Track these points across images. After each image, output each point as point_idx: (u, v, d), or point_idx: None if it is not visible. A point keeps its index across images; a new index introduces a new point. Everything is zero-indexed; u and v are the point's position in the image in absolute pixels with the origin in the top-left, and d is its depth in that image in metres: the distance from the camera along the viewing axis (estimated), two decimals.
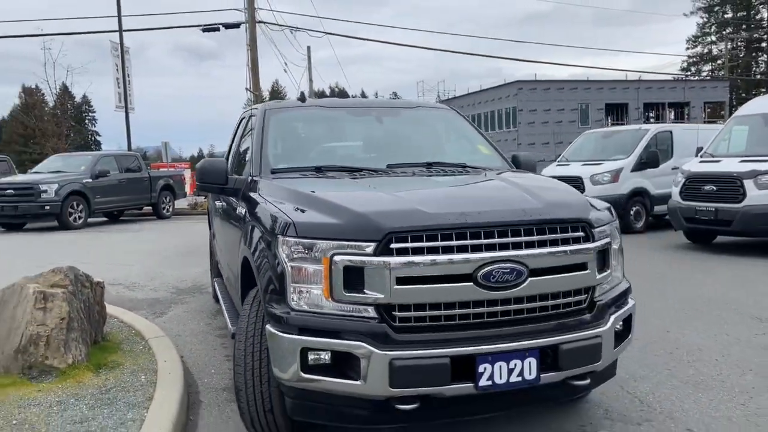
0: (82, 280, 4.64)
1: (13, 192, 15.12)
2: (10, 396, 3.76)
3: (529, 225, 3.00)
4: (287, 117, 4.63)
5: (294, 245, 2.94)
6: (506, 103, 49.47)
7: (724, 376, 4.27)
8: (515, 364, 2.89)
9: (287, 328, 2.90)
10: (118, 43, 21.50)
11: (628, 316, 3.38)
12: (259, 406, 3.21)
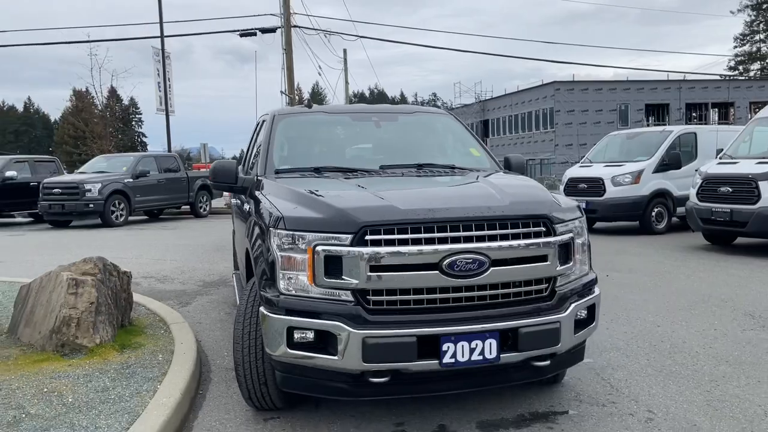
0: (110, 269, 5.15)
1: (60, 191, 16.00)
2: (44, 369, 4.27)
3: (492, 220, 3.34)
4: (294, 122, 5.07)
5: (284, 237, 3.35)
6: (543, 104, 49.24)
7: (699, 367, 4.51)
8: (476, 344, 3.23)
9: (277, 309, 3.31)
10: (159, 48, 22.44)
11: (591, 305, 3.67)
12: (255, 380, 3.63)
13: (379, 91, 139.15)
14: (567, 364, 3.80)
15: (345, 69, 35.82)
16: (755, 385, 4.13)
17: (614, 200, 12.17)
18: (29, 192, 17.10)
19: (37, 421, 3.42)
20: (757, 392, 4.00)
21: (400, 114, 5.33)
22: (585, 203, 12.55)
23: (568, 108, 47.73)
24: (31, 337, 4.86)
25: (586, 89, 48.17)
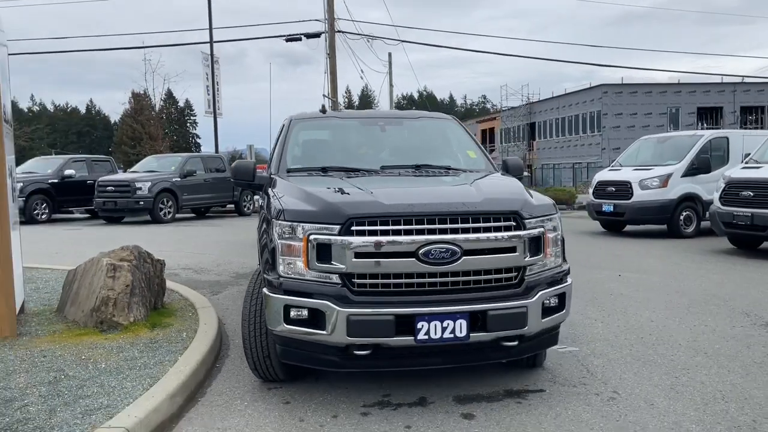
0: (144, 256, 5.76)
1: (113, 189, 17.02)
2: (84, 341, 4.89)
3: (465, 215, 3.77)
4: (308, 125, 5.58)
5: (284, 227, 3.85)
6: (591, 107, 48.73)
7: (676, 357, 4.81)
8: (448, 324, 3.66)
9: (276, 290, 3.81)
10: (208, 53, 23.44)
11: (561, 293, 4.04)
12: (259, 353, 4.14)
13: (427, 94, 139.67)
14: (539, 347, 4.18)
15: (389, 72, 36.41)
16: (723, 374, 4.42)
17: (641, 203, 12.29)
18: (86, 189, 18.21)
19: (73, 381, 4.02)
20: (723, 380, 4.29)
21: (404, 119, 5.79)
22: (612, 206, 12.75)
23: (616, 111, 47.13)
24: (76, 315, 5.50)
25: (635, 92, 47.46)
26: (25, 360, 4.46)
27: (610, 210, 12.81)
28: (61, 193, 18.17)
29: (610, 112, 47.18)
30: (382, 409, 3.87)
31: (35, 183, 17.66)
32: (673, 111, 47.72)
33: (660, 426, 3.56)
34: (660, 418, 3.66)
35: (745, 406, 3.83)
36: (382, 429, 3.58)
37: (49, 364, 4.35)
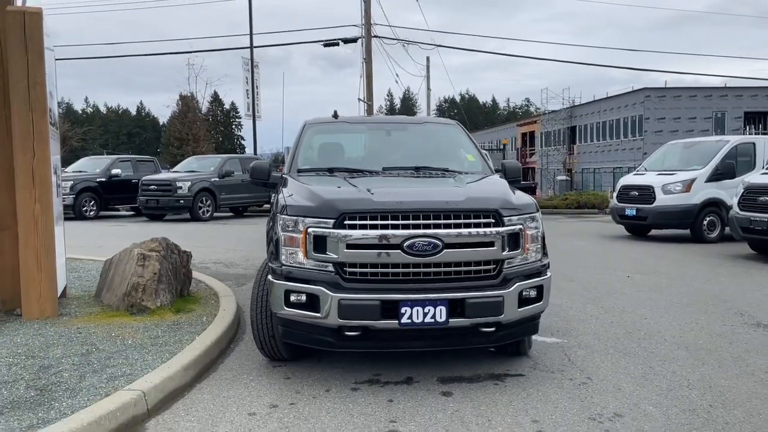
0: (171, 247, 6.32)
1: (155, 188, 17.87)
2: (115, 321, 5.45)
3: (448, 212, 4.17)
4: (320, 129, 6.06)
5: (287, 220, 4.32)
6: (632, 111, 48.14)
7: (657, 350, 5.10)
8: (429, 310, 4.06)
9: (279, 277, 4.27)
10: (248, 59, 24.26)
11: (539, 286, 4.39)
12: (265, 333, 4.62)
13: (469, 97, 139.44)
14: (518, 335, 4.53)
15: (427, 77, 36.79)
16: (698, 366, 4.71)
17: (664, 208, 12.41)
18: (131, 188, 19.12)
19: (102, 353, 4.57)
20: (695, 371, 4.58)
21: (409, 124, 6.21)
22: (635, 210, 12.89)
23: (658, 115, 46.46)
24: (110, 299, 6.09)
25: (678, 96, 46.71)
26: (62, 335, 5.04)
27: (633, 214, 12.94)
28: (108, 191, 19.14)
29: (652, 116, 46.53)
30: (371, 386, 4.30)
31: (84, 181, 18.66)
32: (719, 115, 46.78)
33: (619, 406, 3.90)
34: (622, 400, 4.00)
35: (707, 393, 4.13)
36: (367, 401, 4.01)
37: (82, 340, 4.92)
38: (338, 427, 3.62)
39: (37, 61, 5.47)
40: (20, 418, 3.40)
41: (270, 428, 3.60)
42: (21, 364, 4.32)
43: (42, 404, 3.61)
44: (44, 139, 5.55)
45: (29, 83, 5.45)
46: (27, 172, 5.47)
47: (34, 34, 5.45)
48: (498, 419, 3.72)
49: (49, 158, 5.62)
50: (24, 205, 5.49)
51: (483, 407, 3.90)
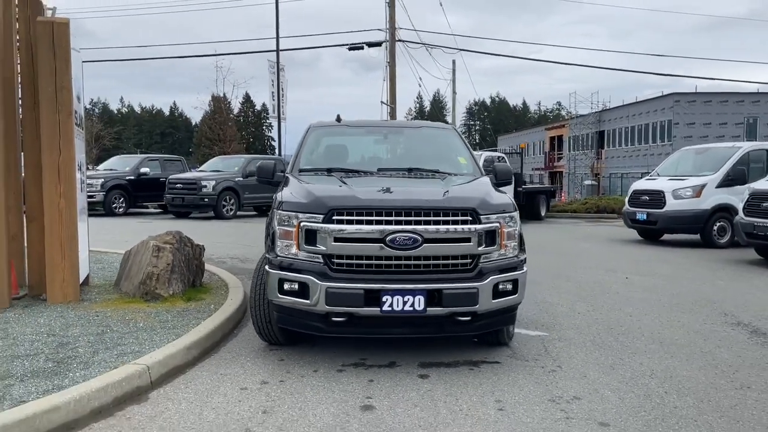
0: (185, 241, 6.79)
1: (181, 186, 18.51)
2: (130, 307, 5.93)
3: (427, 210, 4.54)
4: (322, 132, 6.47)
5: (282, 216, 4.73)
6: (661, 116, 47.72)
7: (632, 344, 5.39)
8: (408, 299, 4.43)
9: (274, 267, 4.69)
10: (275, 61, 24.88)
11: (514, 280, 4.73)
12: (262, 319, 5.03)
13: (500, 100, 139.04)
14: (495, 325, 4.87)
15: (453, 80, 37.07)
16: (666, 358, 4.99)
17: (674, 213, 12.56)
18: (159, 186, 19.81)
19: (115, 333, 5.04)
20: (662, 363, 4.87)
21: (406, 128, 6.59)
22: (646, 215, 13.05)
23: (688, 120, 45.99)
24: (127, 287, 6.58)
25: (709, 101, 46.16)
26: (81, 318, 5.53)
27: (644, 218, 13.11)
28: (137, 189, 19.86)
29: (681, 121, 46.08)
30: (356, 368, 4.69)
31: (114, 179, 19.41)
32: (750, 121, 46.11)
33: (580, 391, 4.22)
34: (585, 386, 4.32)
35: (666, 382, 4.42)
36: (350, 381, 4.39)
37: (99, 322, 5.40)
38: (319, 401, 4.02)
39: (63, 67, 5.97)
40: (38, 384, 3.86)
41: (258, 400, 4.01)
42: (42, 341, 4.81)
43: (58, 374, 4.07)
44: (69, 139, 6.06)
45: (56, 87, 5.96)
46: (53, 169, 5.98)
47: (62, 42, 5.96)
48: (465, 398, 4.08)
49: (73, 156, 6.12)
50: (50, 199, 6.00)
51: (454, 388, 4.26)
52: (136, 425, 3.61)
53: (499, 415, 3.81)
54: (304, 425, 3.63)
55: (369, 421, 3.71)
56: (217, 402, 3.98)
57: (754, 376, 4.57)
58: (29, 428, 3.33)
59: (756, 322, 6.18)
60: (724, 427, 3.66)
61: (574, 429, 3.61)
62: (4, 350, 4.56)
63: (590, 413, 3.84)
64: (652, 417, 3.79)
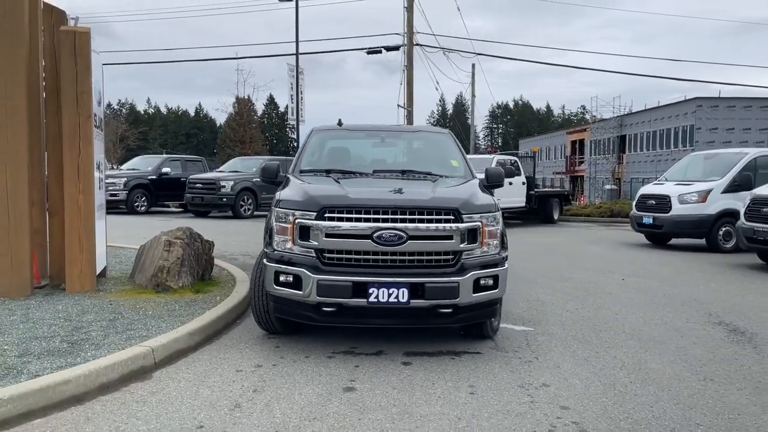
0: (195, 236, 7.21)
1: (200, 186, 19.05)
2: (141, 297, 6.36)
3: (412, 209, 4.88)
4: (323, 135, 6.85)
5: (279, 213, 5.11)
6: (683, 121, 47.42)
7: (611, 340, 5.67)
8: (393, 291, 4.77)
9: (271, 260, 5.06)
10: (294, 65, 25.39)
11: (495, 275, 5.04)
12: (261, 308, 5.41)
13: (523, 103, 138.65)
14: (477, 318, 5.19)
15: (472, 83, 37.30)
16: (640, 352, 5.26)
17: (679, 217, 12.72)
18: (180, 186, 20.38)
19: (125, 320, 5.46)
20: (635, 356, 5.14)
21: (404, 132, 6.95)
22: (652, 219, 13.23)
23: (710, 126, 45.64)
24: (141, 280, 7.01)
25: (732, 106, 45.76)
26: (96, 306, 5.96)
27: (650, 222, 13.28)
28: (158, 188, 20.47)
29: (704, 126, 45.74)
30: (345, 355, 5.04)
31: (137, 178, 20.03)
32: None
33: (550, 379, 4.53)
34: (555, 375, 4.62)
35: (633, 373, 4.71)
36: (338, 366, 4.75)
37: (112, 309, 5.83)
38: (306, 382, 4.38)
39: (84, 73, 6.43)
40: (52, 362, 4.28)
41: (251, 381, 4.39)
42: (59, 325, 5.24)
43: (71, 353, 4.49)
44: (89, 140, 6.51)
45: (77, 92, 6.41)
46: (73, 167, 6.43)
47: (83, 50, 6.41)
48: (441, 383, 4.41)
49: (92, 156, 6.57)
50: (70, 195, 6.45)
51: (433, 375, 4.59)
52: (138, 398, 4.00)
53: (469, 398, 4.13)
54: (288, 402, 3.99)
55: (348, 399, 4.06)
56: (213, 381, 4.36)
57: (720, 370, 4.83)
58: (43, 398, 3.74)
59: (738, 322, 6.41)
60: (676, 412, 3.95)
61: (536, 411, 3.93)
62: (25, 332, 5.00)
63: (554, 398, 4.15)
64: (612, 402, 4.09)
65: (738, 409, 4.03)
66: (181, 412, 3.81)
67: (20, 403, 3.63)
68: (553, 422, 3.75)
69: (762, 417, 3.90)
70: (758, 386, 4.47)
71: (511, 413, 3.88)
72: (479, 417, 3.82)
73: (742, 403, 4.13)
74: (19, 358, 4.35)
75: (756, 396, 4.27)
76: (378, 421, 3.72)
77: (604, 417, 3.85)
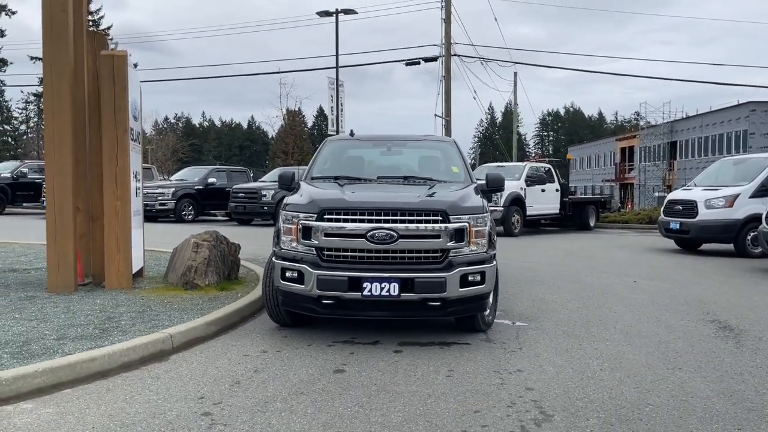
0: (221, 239, 7.86)
1: (243, 195, 19.92)
2: (170, 294, 7.03)
3: (403, 210, 5.36)
4: (336, 144, 7.41)
5: (285, 215, 5.67)
6: (736, 126, 46.26)
7: (599, 334, 5.99)
8: (385, 285, 5.26)
9: (278, 258, 5.63)
10: (334, 78, 26.21)
11: (482, 272, 5.47)
12: (272, 302, 5.97)
13: (574, 110, 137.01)
14: (465, 311, 5.62)
15: (515, 91, 37.41)
16: (622, 345, 5.59)
17: (706, 222, 12.76)
18: (225, 195, 21.30)
19: (153, 312, 6.11)
20: (615, 349, 5.47)
21: (409, 141, 7.44)
22: (679, 224, 13.30)
23: (765, 130, 44.38)
24: (173, 279, 7.69)
25: None
26: (129, 300, 6.65)
27: (677, 227, 13.35)
28: (205, 198, 21.47)
29: (758, 131, 44.52)
30: (344, 344, 5.55)
31: (184, 188, 21.07)
32: None
33: (526, 366, 4.92)
34: (532, 362, 5.01)
35: (607, 362, 5.05)
36: (335, 353, 5.26)
37: (142, 303, 6.50)
38: (302, 365, 4.90)
39: (121, 92, 7.17)
40: (84, 344, 4.93)
41: (254, 363, 4.94)
42: (94, 315, 5.93)
43: (101, 337, 5.14)
44: (125, 152, 7.24)
45: (115, 109, 7.16)
46: (111, 176, 7.17)
47: (120, 72, 7.16)
48: (423, 367, 4.87)
49: (128, 166, 7.30)
50: (109, 202, 7.19)
51: (418, 360, 5.05)
52: (154, 375, 4.61)
53: (445, 380, 4.58)
54: (282, 380, 4.52)
55: (335, 379, 4.57)
56: (221, 363, 4.93)
57: (693, 361, 5.12)
58: (72, 372, 4.38)
59: (732, 320, 6.63)
60: (633, 394, 4.30)
61: (502, 391, 4.34)
62: (65, 321, 5.70)
63: (523, 381, 4.55)
64: (575, 385, 4.47)
65: (694, 393, 4.35)
66: (188, 386, 4.38)
67: (52, 375, 4.27)
68: (514, 400, 4.16)
69: (713, 400, 4.22)
70: (723, 375, 4.76)
71: (479, 392, 4.31)
72: (448, 395, 4.26)
73: (700, 389, 4.44)
74: (57, 341, 5.02)
75: (717, 383, 4.57)
76: (356, 396, 4.20)
77: (563, 397, 4.24)
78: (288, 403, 4.06)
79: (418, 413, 3.92)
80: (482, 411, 3.96)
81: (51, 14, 6.91)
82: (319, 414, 3.89)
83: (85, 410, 3.91)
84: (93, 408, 3.95)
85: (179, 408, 3.95)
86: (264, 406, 4.00)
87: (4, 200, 22.95)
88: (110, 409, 3.94)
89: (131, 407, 3.97)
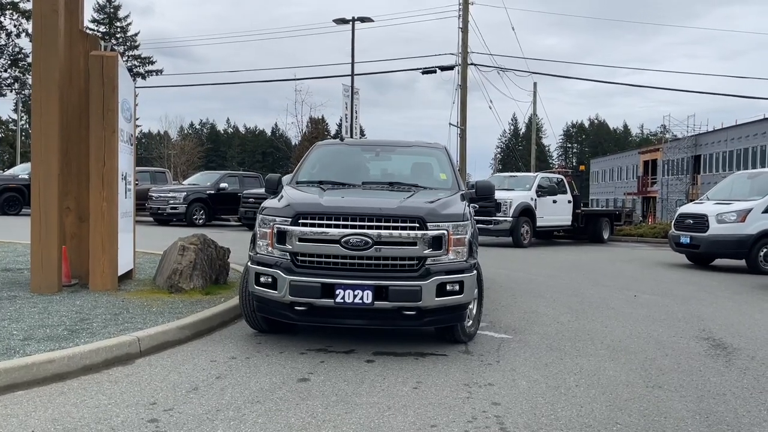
0: (209, 243, 7.78)
1: (253, 200, 19.84)
2: (153, 296, 6.95)
3: (379, 216, 5.23)
4: (324, 149, 7.30)
5: (262, 219, 5.56)
6: (762, 140, 45.34)
7: (583, 349, 5.78)
8: (358, 293, 5.12)
9: (253, 262, 5.52)
10: (349, 86, 26.19)
11: (460, 281, 5.30)
12: (248, 307, 5.86)
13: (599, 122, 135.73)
14: (443, 321, 5.45)
15: (534, 101, 37.12)
16: (606, 361, 5.37)
17: (716, 237, 12.41)
18: (237, 200, 21.34)
19: (129, 314, 6.03)
20: (597, 364, 5.26)
21: (398, 146, 7.31)
22: (689, 238, 12.96)
23: None
24: (159, 281, 7.63)
25: None
26: (109, 302, 6.59)
27: (687, 242, 13.00)
28: (216, 203, 21.53)
29: None
30: (317, 352, 5.41)
31: (196, 193, 21.16)
32: None
33: (499, 379, 4.74)
34: (506, 377, 4.83)
35: (584, 378, 4.85)
36: (305, 361, 5.12)
37: (121, 306, 6.44)
38: (267, 372, 4.78)
39: (110, 93, 7.15)
40: (48, 345, 4.86)
41: (219, 370, 4.82)
42: (69, 316, 5.87)
43: (68, 339, 5.07)
44: (113, 153, 7.21)
45: (104, 109, 7.13)
46: (98, 176, 7.14)
47: (110, 73, 7.14)
48: (391, 378, 4.71)
49: (116, 167, 7.26)
50: (95, 202, 7.15)
51: (388, 371, 4.90)
52: (113, 379, 4.51)
53: (410, 392, 4.41)
54: (242, 388, 4.40)
55: (297, 388, 4.43)
56: (185, 368, 4.83)
57: (675, 380, 4.90)
58: (27, 373, 4.30)
59: (728, 338, 6.37)
60: (603, 412, 4.10)
61: (467, 405, 4.17)
62: (36, 321, 5.64)
63: (491, 396, 4.37)
64: (545, 401, 4.28)
65: (669, 413, 4.13)
66: (144, 391, 4.28)
67: (6, 376, 4.20)
68: (476, 414, 3.99)
69: (687, 421, 4.00)
70: (704, 395, 4.53)
71: (442, 405, 4.15)
72: (409, 407, 4.10)
73: (676, 409, 4.22)
74: (22, 341, 4.95)
75: (695, 404, 4.35)
76: (312, 407, 4.06)
77: (528, 413, 4.05)
78: (240, 412, 3.93)
79: (372, 426, 3.77)
80: (439, 426, 3.80)
81: (41, 14, 6.92)
82: (269, 424, 3.75)
83: (32, 413, 3.82)
84: (40, 411, 3.86)
85: (126, 414, 3.85)
86: (215, 415, 3.88)
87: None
88: (57, 413, 3.84)
89: (78, 411, 3.87)
